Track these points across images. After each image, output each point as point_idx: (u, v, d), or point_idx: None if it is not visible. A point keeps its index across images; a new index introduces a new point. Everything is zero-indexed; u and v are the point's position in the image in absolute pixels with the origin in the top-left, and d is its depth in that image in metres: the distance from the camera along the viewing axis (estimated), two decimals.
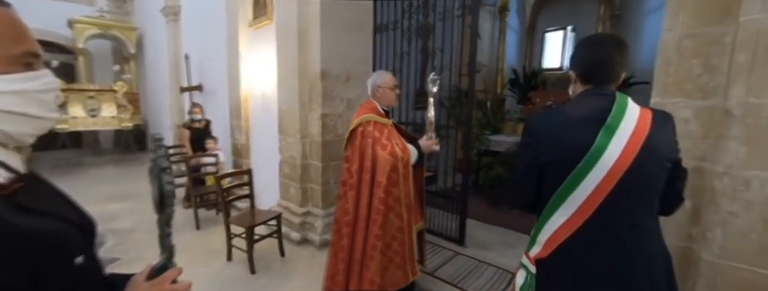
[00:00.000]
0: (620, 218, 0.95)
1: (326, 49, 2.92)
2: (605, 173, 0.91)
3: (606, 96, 0.99)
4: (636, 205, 0.96)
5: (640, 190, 0.95)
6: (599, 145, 0.92)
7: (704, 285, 1.33)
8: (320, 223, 3.05)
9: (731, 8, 1.22)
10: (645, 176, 0.94)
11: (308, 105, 3.06)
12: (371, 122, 1.86)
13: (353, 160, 1.87)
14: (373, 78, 2.02)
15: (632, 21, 4.08)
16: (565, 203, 0.97)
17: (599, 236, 0.96)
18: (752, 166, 1.17)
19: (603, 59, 1.01)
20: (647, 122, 0.94)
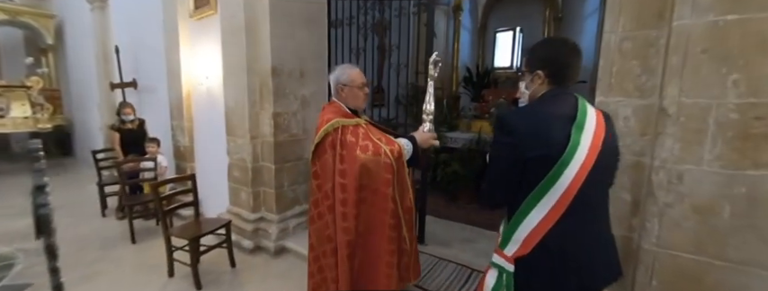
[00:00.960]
0: (590, 209, 1.05)
1: (278, 44, 2.74)
2: (579, 168, 0.98)
3: (571, 96, 1.08)
4: (599, 195, 1.08)
5: (602, 182, 1.08)
6: (574, 141, 0.98)
7: (644, 272, 1.43)
8: (275, 228, 2.88)
9: (665, 12, 1.30)
10: (605, 168, 1.05)
11: (259, 103, 2.86)
12: (339, 128, 1.56)
13: (327, 176, 1.58)
14: (336, 74, 1.67)
15: (573, 23, 4.37)
16: (544, 198, 1.01)
17: (575, 228, 1.03)
18: (685, 161, 1.26)
19: (572, 63, 1.09)
20: (602, 121, 1.05)
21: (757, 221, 1.18)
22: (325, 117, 1.62)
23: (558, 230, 1.02)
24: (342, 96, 1.68)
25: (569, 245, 1.03)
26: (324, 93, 3.20)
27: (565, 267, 1.03)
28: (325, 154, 1.57)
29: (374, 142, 1.55)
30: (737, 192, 1.19)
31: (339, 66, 1.70)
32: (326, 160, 1.57)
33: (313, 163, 1.64)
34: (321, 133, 1.58)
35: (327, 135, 1.57)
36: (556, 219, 1.01)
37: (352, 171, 1.51)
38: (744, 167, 1.17)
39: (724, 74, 1.16)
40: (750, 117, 1.14)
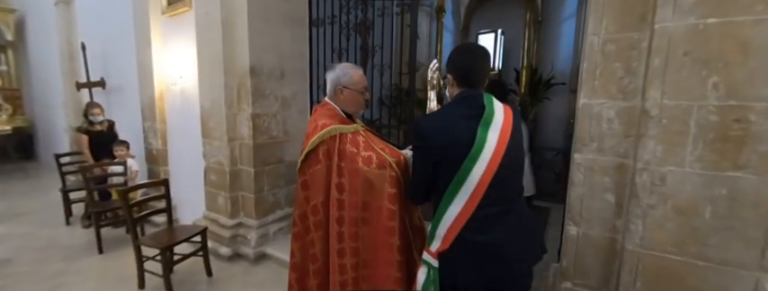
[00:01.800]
0: (504, 199, 1.12)
1: (256, 43, 2.64)
2: (488, 161, 1.07)
3: (478, 96, 1.16)
4: (510, 185, 1.15)
5: (512, 172, 1.15)
6: (480, 137, 1.07)
7: (628, 272, 1.43)
8: (254, 234, 2.77)
9: (647, 15, 1.30)
10: (514, 159, 1.13)
11: (237, 104, 2.75)
12: (337, 135, 1.37)
13: (318, 190, 1.40)
14: (337, 74, 1.46)
15: (552, 26, 4.44)
16: (459, 193, 1.09)
17: (491, 219, 1.10)
18: (667, 163, 1.27)
19: (477, 67, 1.18)
20: (510, 116, 1.14)
21: (737, 222, 1.20)
22: (318, 121, 1.41)
23: (474, 222, 1.09)
24: (340, 98, 1.47)
25: (487, 236, 1.09)
26: (305, 94, 3.12)
27: (485, 257, 1.10)
28: (317, 164, 1.39)
29: (377, 153, 1.36)
30: (718, 193, 1.21)
31: (339, 65, 1.49)
32: (318, 171, 1.39)
33: (301, 172, 1.46)
34: (315, 140, 1.38)
35: (322, 143, 1.37)
36: (471, 211, 1.08)
37: (352, 186, 1.33)
38: (724, 168, 1.19)
39: (704, 76, 1.18)
40: (730, 119, 1.16)
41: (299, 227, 1.53)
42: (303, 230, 1.53)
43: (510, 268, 1.12)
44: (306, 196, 1.48)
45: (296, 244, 1.55)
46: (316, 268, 1.48)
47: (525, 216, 1.21)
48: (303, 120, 3.12)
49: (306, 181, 1.47)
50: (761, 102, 1.11)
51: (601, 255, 1.56)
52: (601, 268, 1.56)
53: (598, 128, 1.48)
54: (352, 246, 1.37)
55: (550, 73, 4.32)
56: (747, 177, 1.16)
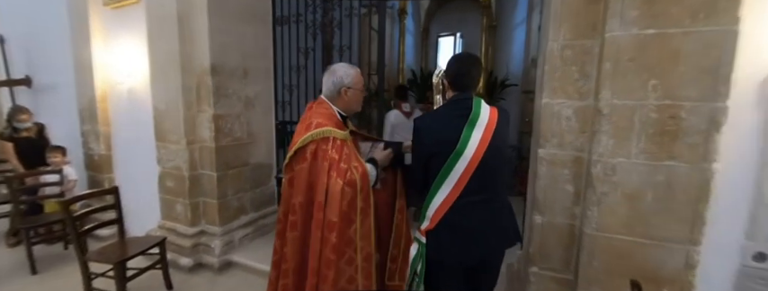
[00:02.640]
0: (484, 190, 1.30)
1: (217, 40, 2.51)
2: (471, 156, 1.25)
3: (468, 99, 1.32)
4: (491, 177, 1.31)
5: (493, 166, 1.29)
6: (465, 136, 1.25)
7: (586, 254, 1.60)
8: (218, 242, 2.62)
9: (598, 25, 1.48)
10: (496, 156, 1.29)
11: (196, 105, 2.59)
12: (330, 138, 1.38)
13: (299, 189, 1.40)
14: (339, 75, 1.47)
15: (505, 32, 4.78)
16: (444, 182, 1.28)
17: (470, 206, 1.29)
18: (617, 155, 1.45)
19: (466, 73, 1.35)
20: (495, 117, 1.30)
21: (672, 204, 1.40)
22: (313, 120, 1.42)
23: (456, 207, 1.28)
24: (344, 99, 1.50)
25: (465, 219, 1.29)
26: (270, 94, 3.03)
27: (463, 237, 1.30)
28: (303, 162, 1.39)
29: (351, 168, 1.37)
30: (658, 180, 1.40)
31: (338, 66, 1.51)
32: (303, 170, 1.40)
33: (289, 168, 1.46)
34: (306, 137, 1.38)
35: (313, 142, 1.38)
36: (454, 199, 1.27)
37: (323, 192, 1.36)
38: (662, 159, 1.38)
39: (645, 79, 1.36)
40: (666, 116, 1.35)
41: (283, 224, 1.51)
42: (280, 229, 1.52)
43: (482, 249, 1.33)
44: (288, 194, 1.47)
45: (278, 242, 1.53)
46: (285, 268, 1.46)
47: (504, 205, 1.38)
48: (268, 121, 3.03)
49: (291, 179, 1.47)
50: (689, 102, 1.32)
51: (562, 240, 1.72)
52: (563, 251, 1.72)
53: (558, 126, 1.63)
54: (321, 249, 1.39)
55: (505, 75, 4.62)
56: (680, 165, 1.36)
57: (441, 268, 1.33)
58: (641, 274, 1.45)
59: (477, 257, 1.33)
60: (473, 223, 1.30)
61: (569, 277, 1.70)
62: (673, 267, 1.44)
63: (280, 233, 1.53)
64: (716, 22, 1.26)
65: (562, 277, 1.72)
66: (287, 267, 1.47)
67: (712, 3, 1.25)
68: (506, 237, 1.39)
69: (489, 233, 1.32)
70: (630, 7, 1.35)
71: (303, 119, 1.48)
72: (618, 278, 1.49)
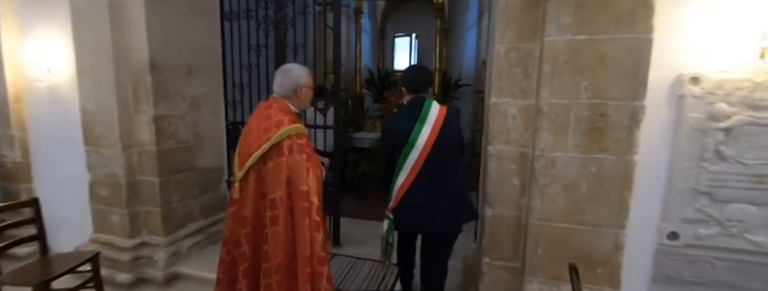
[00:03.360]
0: (434, 175, 1.63)
1: (157, 33, 2.32)
2: (422, 147, 1.58)
3: (421, 101, 1.66)
4: (440, 164, 1.63)
5: (442, 156, 1.62)
6: (416, 130, 1.59)
7: (531, 242, 1.72)
8: (163, 254, 2.43)
9: (538, 29, 1.60)
10: (443, 146, 1.60)
11: (134, 105, 2.37)
12: (303, 134, 1.51)
13: (278, 183, 1.43)
14: (295, 73, 1.57)
15: (458, 33, 4.98)
16: (402, 168, 1.62)
17: (423, 188, 1.63)
18: (556, 149, 1.58)
19: (417, 78, 1.72)
20: (443, 114, 1.62)
21: (602, 193, 1.56)
22: (282, 117, 1.49)
23: (411, 189, 1.63)
24: (299, 98, 1.60)
25: (418, 197, 1.64)
26: (219, 93, 2.86)
27: (416, 213, 1.67)
28: (281, 156, 1.44)
29: (316, 163, 1.50)
30: (590, 171, 1.55)
31: (289, 66, 1.61)
32: (282, 163, 1.44)
33: (257, 167, 1.48)
34: (283, 131, 1.44)
35: (289, 137, 1.45)
36: (411, 182, 1.62)
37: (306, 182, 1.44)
38: (593, 152, 1.53)
39: (578, 80, 1.50)
40: (596, 114, 1.50)
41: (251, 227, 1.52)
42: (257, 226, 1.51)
43: (430, 221, 1.67)
44: (260, 192, 1.49)
45: (248, 245, 1.53)
46: (268, 265, 1.46)
47: (454, 188, 1.71)
48: (217, 122, 2.86)
49: (262, 176, 1.49)
50: (614, 101, 1.48)
51: (511, 231, 1.83)
52: (511, 242, 1.84)
53: (505, 124, 1.74)
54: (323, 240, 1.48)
55: (458, 75, 4.81)
56: (608, 157, 1.52)
57: (402, 237, 1.82)
58: (578, 257, 1.60)
59: (427, 228, 1.71)
60: (424, 201, 1.65)
61: (517, 265, 1.82)
62: (604, 249, 1.60)
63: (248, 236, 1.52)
64: (634, 30, 1.42)
65: (511, 265, 1.83)
66: (269, 264, 1.46)
67: (631, 13, 1.41)
68: (452, 214, 1.70)
69: (437, 209, 1.66)
70: (565, 14, 1.48)
71: (264, 117, 1.51)
72: (558, 263, 1.62)
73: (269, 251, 1.44)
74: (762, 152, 1.40)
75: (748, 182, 1.44)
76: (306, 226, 1.41)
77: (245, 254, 1.53)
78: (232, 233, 1.58)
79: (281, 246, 1.43)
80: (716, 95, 1.41)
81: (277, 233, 1.43)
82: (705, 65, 1.42)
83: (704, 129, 1.45)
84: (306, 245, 1.41)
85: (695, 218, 1.53)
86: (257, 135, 1.47)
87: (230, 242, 1.59)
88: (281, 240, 1.43)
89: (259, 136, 1.46)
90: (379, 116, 4.72)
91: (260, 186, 1.48)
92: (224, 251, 1.61)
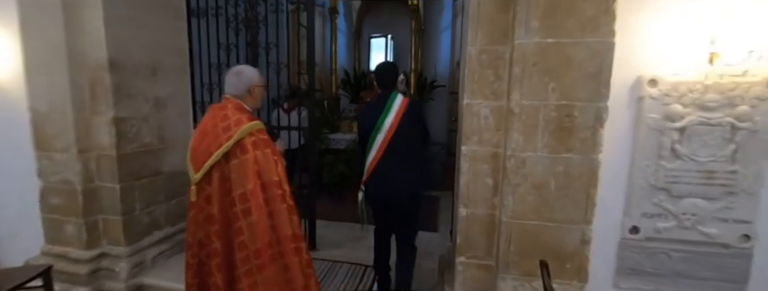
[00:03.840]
0: (397, 155, 1.99)
1: (116, 31, 2.19)
2: (385, 132, 1.96)
3: (388, 94, 2.03)
4: (401, 144, 1.99)
5: (402, 137, 1.99)
6: (381, 119, 1.97)
7: (504, 240, 1.76)
8: (125, 265, 2.29)
9: (508, 32, 1.63)
10: (404, 133, 1.98)
11: (91, 106, 2.23)
12: (263, 129, 1.58)
13: (247, 177, 1.48)
14: (248, 73, 1.64)
15: (432, 35, 5.03)
16: (371, 149, 1.99)
17: (387, 164, 1.99)
18: (526, 149, 1.62)
19: (385, 76, 2.11)
20: (404, 105, 1.99)
21: (570, 191, 1.62)
22: (240, 115, 1.55)
23: (379, 165, 2.00)
24: (253, 97, 1.66)
25: (383, 171, 2.00)
26: (186, 94, 2.74)
27: (382, 182, 2.04)
28: (245, 153, 1.49)
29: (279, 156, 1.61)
30: (558, 170, 1.61)
31: (240, 67, 1.69)
32: (248, 160, 1.49)
33: (220, 165, 1.52)
34: (245, 129, 1.50)
35: (250, 133, 1.51)
36: (378, 159, 2.00)
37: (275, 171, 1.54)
38: (561, 151, 1.59)
39: (547, 82, 1.55)
40: (563, 114, 1.56)
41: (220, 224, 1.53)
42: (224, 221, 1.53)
43: (396, 187, 2.04)
44: (225, 189, 1.51)
45: (219, 242, 1.54)
46: (245, 254, 1.50)
47: (412, 162, 2.05)
48: (184, 124, 2.73)
49: (226, 174, 1.51)
50: (580, 102, 1.53)
51: (485, 230, 1.87)
52: (485, 240, 1.87)
53: (477, 124, 1.77)
54: (297, 220, 1.61)
55: (433, 76, 4.87)
56: (574, 156, 1.58)
57: (371, 203, 2.16)
58: (549, 253, 1.65)
59: (390, 192, 2.06)
60: (387, 173, 2.01)
61: (491, 262, 1.86)
62: (572, 244, 1.66)
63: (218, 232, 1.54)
64: (598, 35, 1.48)
65: (485, 263, 1.87)
66: (244, 254, 1.50)
67: (595, 18, 1.47)
68: (411, 181, 2.07)
69: (397, 179, 2.02)
70: (533, 18, 1.52)
71: (221, 117, 1.54)
72: (530, 259, 1.67)
73: (245, 240, 1.49)
74: (712, 150, 1.51)
75: (700, 178, 1.54)
76: (284, 210, 1.53)
77: (216, 250, 1.54)
78: (194, 235, 1.60)
79: (260, 234, 1.49)
80: (671, 97, 1.50)
81: (253, 224, 1.48)
82: (662, 68, 1.51)
83: (661, 129, 1.54)
84: (287, 226, 1.53)
85: (654, 213, 1.62)
86: (216, 134, 1.51)
87: (194, 245, 1.60)
88: (260, 228, 1.49)
89: (218, 135, 1.50)
90: (355, 117, 4.70)
91: (224, 184, 1.52)
92: (189, 255, 1.62)
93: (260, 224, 1.48)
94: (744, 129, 1.47)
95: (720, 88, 1.45)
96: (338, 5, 4.75)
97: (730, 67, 1.42)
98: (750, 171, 1.50)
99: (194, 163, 1.57)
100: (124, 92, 2.28)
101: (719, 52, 1.40)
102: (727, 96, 1.46)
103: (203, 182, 1.55)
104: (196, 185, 1.56)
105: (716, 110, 1.48)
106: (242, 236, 1.49)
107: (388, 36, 4.90)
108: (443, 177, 4.40)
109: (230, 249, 1.53)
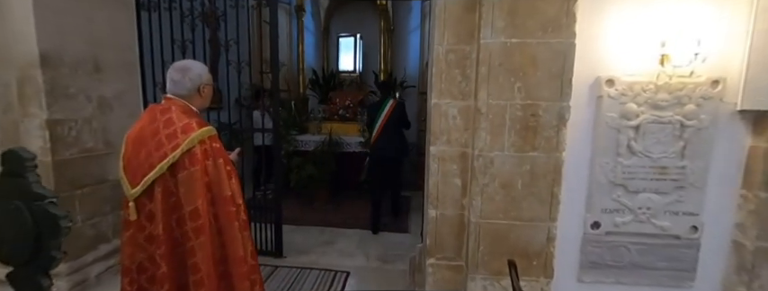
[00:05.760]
0: (386, 131, 3.24)
1: (49, 22, 1.97)
2: (381, 120, 3.23)
3: (384, 98, 3.41)
4: (390, 127, 3.25)
5: (390, 124, 3.25)
6: (378, 113, 3.26)
7: (473, 240, 1.75)
8: (64, 284, 2.06)
9: (474, 32, 1.63)
10: (392, 121, 3.24)
11: (20, 107, 1.99)
12: (216, 136, 1.42)
13: (197, 192, 1.32)
14: (196, 71, 1.45)
15: (402, 35, 5.02)
16: (375, 127, 3.26)
17: (384, 138, 3.24)
18: (494, 149, 1.62)
19: (384, 87, 3.80)
20: (392, 106, 3.26)
21: (535, 189, 1.64)
22: (188, 120, 1.36)
23: (378, 139, 3.26)
24: (202, 97, 1.48)
25: (380, 143, 3.25)
26: (136, 94, 2.53)
27: (379, 147, 3.27)
28: (195, 164, 1.32)
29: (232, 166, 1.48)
30: (524, 169, 1.63)
31: (186, 62, 1.49)
32: (197, 172, 1.32)
33: (164, 178, 1.33)
34: (195, 137, 1.32)
35: (202, 141, 1.34)
36: (377, 135, 3.25)
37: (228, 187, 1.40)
38: (526, 150, 1.61)
39: (512, 82, 1.56)
40: (528, 114, 1.57)
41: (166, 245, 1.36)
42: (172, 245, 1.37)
43: (386, 150, 3.26)
44: (173, 205, 1.34)
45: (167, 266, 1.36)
46: (198, 277, 1.34)
47: (396, 138, 3.27)
48: None
49: (172, 187, 1.34)
50: (544, 101, 1.56)
51: (454, 230, 1.86)
52: (455, 241, 1.86)
53: (446, 124, 1.75)
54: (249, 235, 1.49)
55: (403, 76, 4.86)
56: (539, 155, 1.61)
57: (371, 160, 3.39)
58: (516, 252, 1.67)
59: (382, 154, 3.28)
60: (381, 144, 3.25)
61: (461, 263, 1.85)
62: (538, 242, 1.69)
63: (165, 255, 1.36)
64: (560, 36, 1.51)
65: (455, 264, 1.86)
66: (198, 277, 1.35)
67: (557, 19, 1.50)
68: (396, 148, 3.31)
69: (387, 147, 3.25)
70: (498, 18, 1.53)
71: (164, 122, 1.35)
72: (499, 258, 1.68)
73: (198, 262, 1.34)
74: (664, 146, 1.59)
75: (654, 174, 1.62)
76: (235, 228, 1.39)
77: (164, 274, 1.36)
78: (132, 258, 1.41)
79: (210, 254, 1.36)
80: (627, 96, 1.56)
81: (204, 244, 1.34)
82: (618, 68, 1.57)
83: (618, 127, 1.60)
84: (238, 246, 1.40)
85: (613, 208, 1.68)
86: (158, 143, 1.32)
87: (132, 269, 1.41)
88: (209, 248, 1.35)
89: (161, 144, 1.31)
90: (324, 117, 4.58)
91: (168, 199, 1.33)
92: (126, 282, 1.42)
93: (209, 243, 1.35)
94: (691, 127, 1.56)
95: (670, 88, 1.53)
96: (305, 3, 4.61)
97: (679, 69, 1.50)
98: (697, 166, 1.59)
99: (131, 177, 1.36)
100: (61, 91, 2.04)
101: (670, 54, 1.47)
102: (676, 96, 1.54)
103: (143, 198, 1.35)
104: (135, 201, 1.36)
105: (666, 109, 1.56)
106: (195, 257, 1.33)
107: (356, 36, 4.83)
108: (415, 177, 4.41)
109: (182, 272, 1.37)
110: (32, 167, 1.07)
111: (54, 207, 1.06)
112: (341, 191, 4.24)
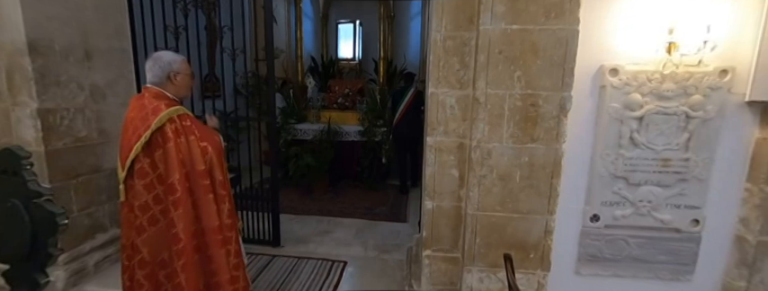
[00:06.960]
0: (407, 114, 3.88)
1: (37, 8, 1.91)
2: (403, 105, 3.87)
3: (406, 88, 3.99)
4: (410, 113, 3.88)
5: (412, 109, 3.87)
6: (402, 99, 3.91)
7: (470, 232, 1.73)
8: (62, 273, 2.06)
9: (474, 18, 1.56)
10: (412, 106, 3.87)
11: (10, 96, 1.96)
12: (186, 115, 1.52)
13: (172, 167, 1.43)
14: (166, 59, 1.54)
15: (403, 22, 4.90)
16: (398, 111, 3.89)
17: (406, 119, 3.88)
18: (492, 140, 1.58)
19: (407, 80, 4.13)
20: (413, 95, 3.87)
21: (534, 181, 1.61)
22: (157, 103, 1.47)
23: (401, 121, 3.89)
24: (174, 85, 1.56)
25: (402, 125, 3.89)
26: (129, 81, 2.48)
27: (399, 128, 3.91)
28: (168, 142, 1.43)
29: (211, 138, 1.57)
30: (523, 161, 1.59)
31: (159, 53, 1.59)
32: (170, 148, 1.43)
33: (142, 157, 1.44)
34: (163, 116, 1.42)
35: (170, 120, 1.44)
36: (400, 117, 3.89)
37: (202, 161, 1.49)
38: (526, 142, 1.56)
39: (512, 71, 1.50)
40: (528, 104, 1.52)
41: (148, 214, 1.47)
42: (160, 212, 1.48)
43: (407, 131, 3.86)
44: (152, 181, 1.46)
45: (139, 238, 1.49)
46: (179, 247, 1.45)
47: (414, 121, 3.82)
48: None
49: (151, 164, 1.45)
50: (544, 91, 1.51)
51: (451, 222, 1.83)
52: (451, 232, 1.84)
53: (443, 114, 1.71)
54: (229, 209, 1.57)
55: (403, 64, 4.77)
56: (539, 147, 1.56)
57: (396, 137, 3.97)
58: (513, 244, 1.64)
59: (404, 132, 3.86)
60: (403, 125, 3.85)
61: (458, 255, 1.84)
62: (536, 234, 1.66)
63: (140, 228, 1.49)
64: (563, 22, 1.45)
65: (452, 256, 1.84)
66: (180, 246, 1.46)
67: (560, 3, 1.43)
68: (414, 128, 3.73)
69: (408, 127, 3.82)
70: (499, 3, 1.46)
71: (136, 108, 1.48)
72: (495, 251, 1.66)
73: (178, 232, 1.45)
74: (668, 138, 1.54)
75: (656, 166, 1.58)
76: (210, 201, 1.49)
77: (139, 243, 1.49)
78: (127, 236, 1.53)
79: (188, 225, 1.46)
80: (631, 86, 1.51)
81: (181, 216, 1.45)
82: (623, 57, 1.51)
83: (621, 118, 1.55)
84: (213, 217, 1.49)
85: (613, 201, 1.65)
86: (135, 127, 1.44)
87: (128, 246, 1.53)
88: (187, 221, 1.46)
89: (136, 127, 1.44)
90: (323, 106, 4.52)
91: (144, 178, 1.45)
92: (124, 257, 1.56)
93: (183, 218, 1.45)
94: (697, 118, 1.50)
95: (676, 78, 1.47)
96: None
97: (686, 57, 1.44)
98: (701, 159, 1.55)
99: (122, 162, 1.49)
100: (51, 79, 2.00)
101: (677, 42, 1.40)
102: (683, 86, 1.48)
103: (130, 179, 1.47)
104: (124, 183, 1.49)
105: (672, 100, 1.50)
106: (176, 228, 1.44)
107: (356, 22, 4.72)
108: None
109: (163, 245, 1.49)
110: (28, 165, 1.05)
111: (51, 205, 1.05)
112: (339, 180, 4.22)
